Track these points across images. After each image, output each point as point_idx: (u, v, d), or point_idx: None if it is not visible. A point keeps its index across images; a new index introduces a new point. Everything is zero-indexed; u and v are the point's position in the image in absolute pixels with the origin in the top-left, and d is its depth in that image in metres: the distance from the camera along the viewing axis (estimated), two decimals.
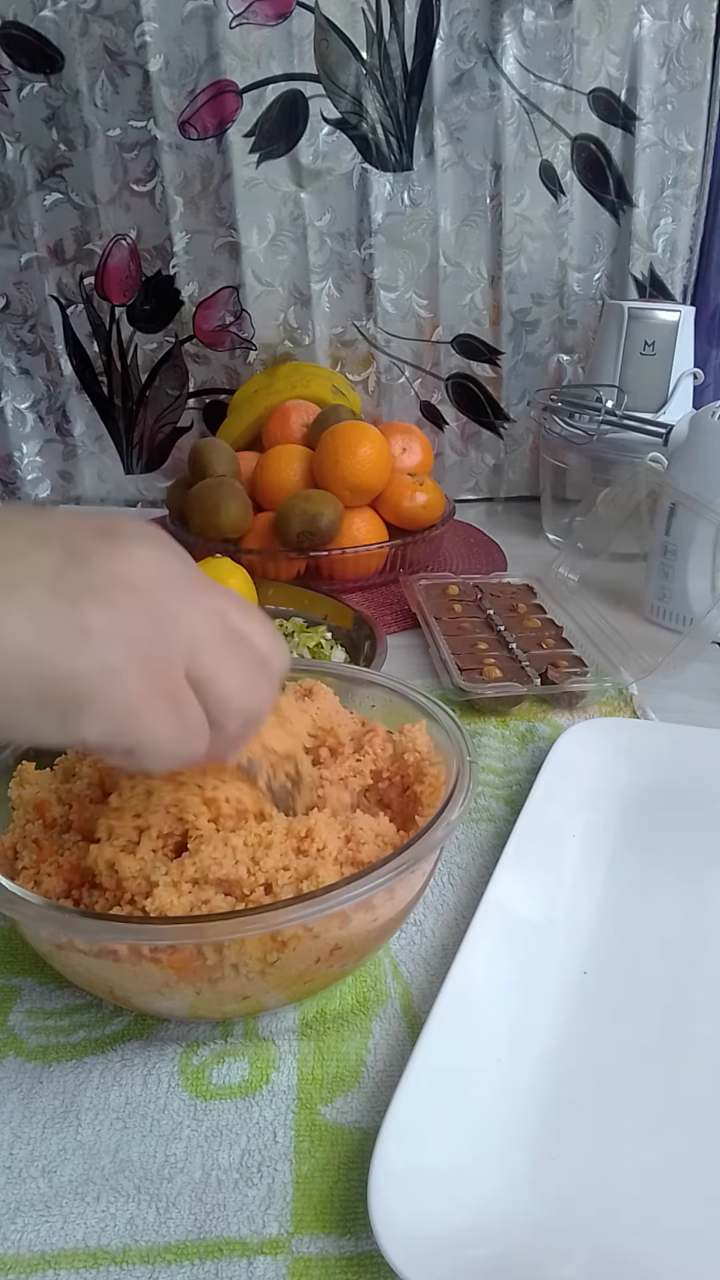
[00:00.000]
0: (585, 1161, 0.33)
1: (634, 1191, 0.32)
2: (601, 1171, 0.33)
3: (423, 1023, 0.36)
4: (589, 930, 0.44)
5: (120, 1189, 0.33)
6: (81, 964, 0.36)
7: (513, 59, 0.93)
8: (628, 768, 0.55)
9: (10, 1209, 0.32)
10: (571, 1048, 0.38)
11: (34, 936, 0.37)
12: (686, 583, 0.75)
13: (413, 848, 0.36)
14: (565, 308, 1.04)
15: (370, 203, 0.97)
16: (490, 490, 1.14)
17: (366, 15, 0.91)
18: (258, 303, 1.01)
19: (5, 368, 1.04)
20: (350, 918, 0.36)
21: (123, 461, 1.11)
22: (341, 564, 0.84)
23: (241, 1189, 0.33)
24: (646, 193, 0.99)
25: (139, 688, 0.28)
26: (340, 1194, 0.33)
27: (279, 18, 0.90)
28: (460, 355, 1.06)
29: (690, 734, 0.58)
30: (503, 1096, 0.35)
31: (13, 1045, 0.39)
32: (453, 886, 0.48)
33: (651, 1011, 0.40)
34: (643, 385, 0.93)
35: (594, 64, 0.94)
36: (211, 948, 0.34)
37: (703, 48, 0.94)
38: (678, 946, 0.43)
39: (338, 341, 1.05)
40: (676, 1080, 0.37)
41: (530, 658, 0.68)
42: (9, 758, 0.43)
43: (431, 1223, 0.30)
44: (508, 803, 0.54)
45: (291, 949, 0.35)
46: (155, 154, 0.94)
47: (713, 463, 0.72)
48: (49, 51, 0.90)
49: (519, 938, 0.42)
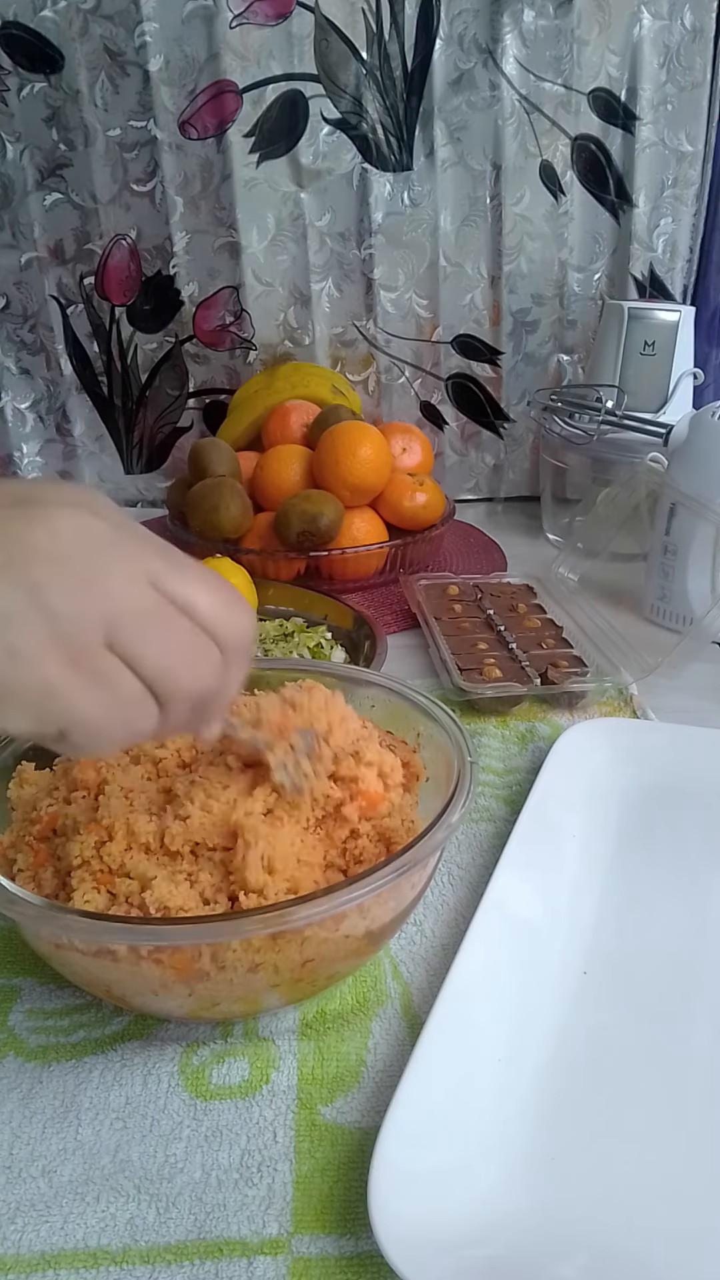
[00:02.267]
0: (585, 1161, 0.33)
1: (634, 1191, 0.32)
2: (601, 1171, 0.33)
3: (423, 1023, 0.36)
4: (589, 930, 0.44)
5: (120, 1189, 0.33)
6: (81, 964, 0.36)
7: (513, 59, 0.93)
8: (628, 768, 0.55)
9: (10, 1209, 0.32)
10: (571, 1048, 0.38)
11: (33, 936, 0.37)
12: (686, 583, 0.75)
13: (413, 849, 0.36)
14: (565, 308, 1.04)
15: (370, 203, 0.97)
16: (490, 490, 1.14)
17: (366, 15, 0.91)
18: (258, 303, 1.01)
19: (5, 368, 1.04)
20: (350, 919, 0.36)
21: (123, 461, 1.11)
22: (341, 564, 0.84)
23: (241, 1189, 0.33)
24: (646, 193, 0.99)
25: (54, 670, 0.26)
26: (340, 1194, 0.33)
27: (279, 18, 0.90)
28: (460, 355, 1.06)
29: (690, 734, 0.58)
30: (503, 1096, 0.35)
31: (13, 1045, 0.39)
32: (453, 886, 0.48)
33: (651, 1011, 0.40)
34: (643, 385, 0.93)
35: (594, 64, 0.94)
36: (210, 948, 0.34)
37: (703, 48, 0.94)
38: (678, 946, 0.43)
39: (338, 341, 1.05)
40: (676, 1080, 0.37)
41: (530, 658, 0.68)
42: (8, 758, 0.43)
43: (431, 1223, 0.30)
44: (508, 803, 0.54)
45: (293, 949, 0.35)
46: (155, 154, 0.94)
47: (713, 463, 0.72)
48: (49, 51, 0.90)
49: (519, 938, 0.42)
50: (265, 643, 0.67)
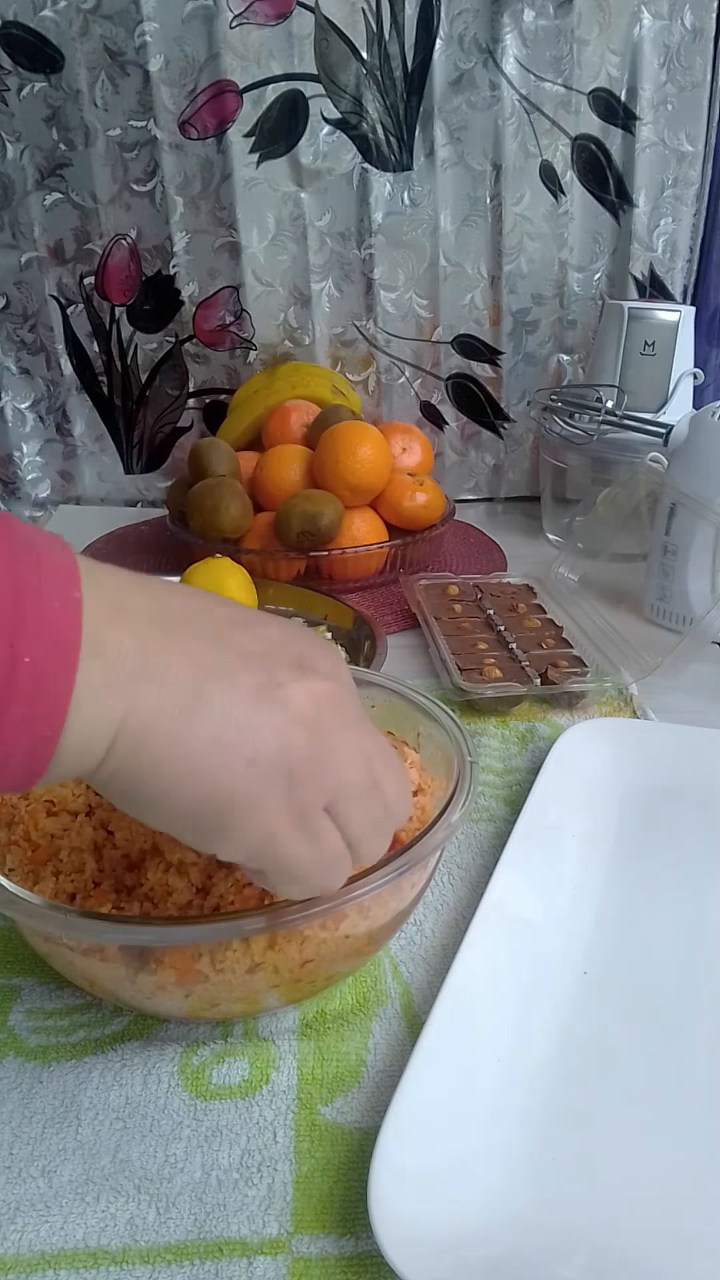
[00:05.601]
0: (585, 1161, 0.33)
1: (634, 1191, 0.32)
2: (601, 1171, 0.33)
3: (423, 1023, 0.36)
4: (589, 930, 0.44)
5: (120, 1189, 0.33)
6: (81, 963, 0.36)
7: (513, 59, 0.93)
8: (628, 768, 0.55)
9: (10, 1209, 0.32)
10: (571, 1048, 0.38)
11: (33, 935, 0.37)
12: (686, 583, 0.75)
13: (413, 849, 0.36)
14: (565, 308, 1.04)
15: (370, 203, 0.97)
16: (490, 490, 1.14)
17: (366, 15, 0.91)
18: (258, 303, 1.01)
19: (5, 368, 1.04)
20: (350, 918, 0.36)
21: (123, 461, 1.11)
22: (341, 564, 0.84)
23: (241, 1189, 0.33)
24: (646, 193, 0.99)
25: (282, 820, 0.29)
26: (340, 1194, 0.33)
27: (279, 18, 0.90)
28: (460, 355, 1.06)
29: (690, 734, 0.58)
30: (502, 1096, 0.35)
31: (13, 1045, 0.39)
32: (453, 886, 0.48)
33: (651, 1011, 0.40)
34: (643, 385, 0.93)
35: (594, 64, 0.94)
36: (209, 948, 0.34)
37: (703, 48, 0.94)
38: (678, 946, 0.43)
39: (338, 341, 1.05)
40: (676, 1080, 0.37)
41: (530, 658, 0.68)
42: None
43: (431, 1223, 0.30)
44: (508, 803, 0.54)
45: (292, 949, 0.35)
46: (155, 154, 0.94)
47: (713, 463, 0.72)
48: (49, 51, 0.90)
49: (519, 938, 0.42)
50: None
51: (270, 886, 0.31)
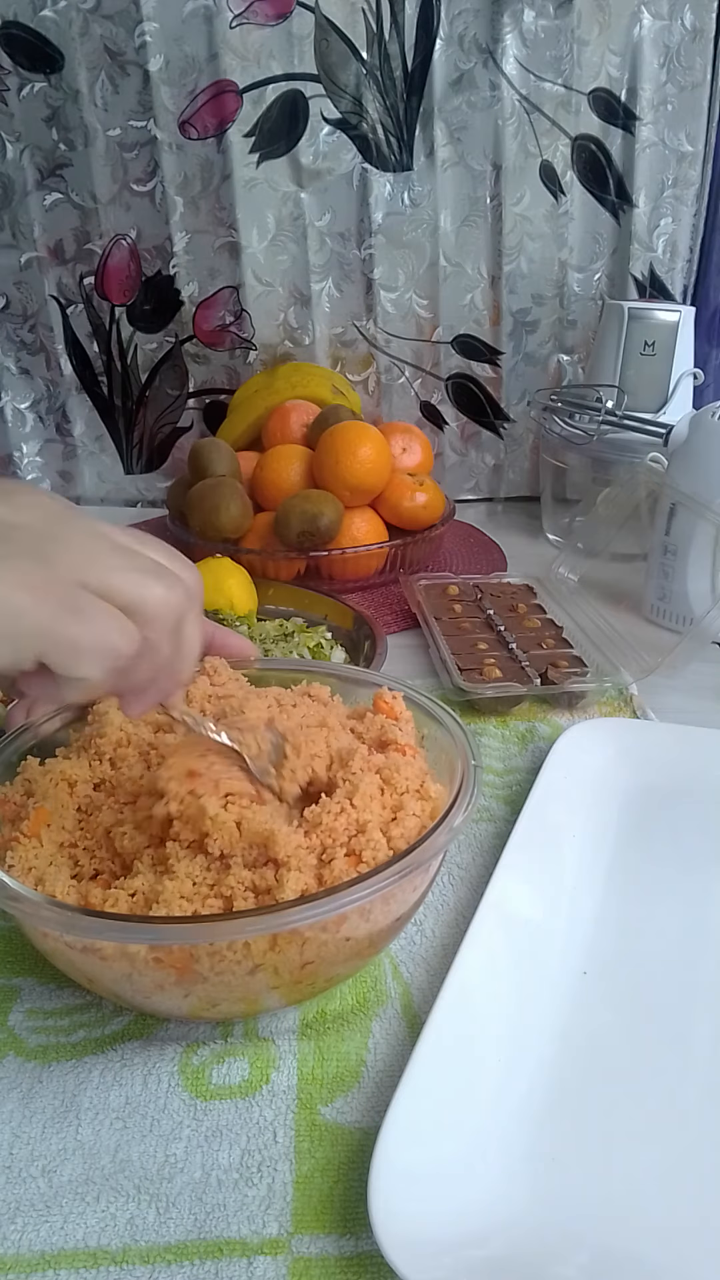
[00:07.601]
0: (585, 1161, 0.33)
1: (634, 1191, 0.32)
2: (601, 1171, 0.33)
3: (423, 1023, 0.36)
4: (589, 930, 0.44)
5: (120, 1189, 0.33)
6: (83, 962, 0.36)
7: (513, 59, 0.93)
8: (628, 768, 0.55)
9: (10, 1209, 0.32)
10: (571, 1048, 0.38)
11: (35, 933, 0.37)
12: (686, 583, 0.75)
13: (416, 852, 0.36)
14: (565, 308, 1.04)
15: (370, 203, 0.97)
16: (490, 490, 1.14)
17: (366, 15, 0.91)
18: (258, 303, 1.01)
19: (5, 368, 1.04)
20: (351, 921, 0.36)
21: (123, 461, 1.11)
22: (341, 564, 0.84)
23: (241, 1189, 0.33)
24: (646, 193, 0.99)
25: (23, 596, 0.29)
26: (340, 1194, 0.33)
27: (279, 18, 0.90)
28: (460, 355, 1.06)
29: (690, 734, 0.58)
30: (503, 1096, 0.35)
31: (13, 1045, 0.39)
32: (453, 886, 0.48)
33: (651, 1011, 0.40)
34: (643, 385, 0.93)
35: (594, 64, 0.94)
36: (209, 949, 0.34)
37: (703, 48, 0.94)
38: (678, 946, 0.43)
39: (338, 341, 1.05)
40: (676, 1080, 0.37)
41: (530, 658, 0.68)
42: (12, 755, 0.43)
43: (431, 1223, 0.30)
44: (508, 803, 0.54)
45: (293, 951, 0.35)
46: (155, 154, 0.94)
47: (713, 463, 0.72)
48: (49, 51, 0.90)
49: (519, 938, 0.42)
50: (265, 643, 0.67)
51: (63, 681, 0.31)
